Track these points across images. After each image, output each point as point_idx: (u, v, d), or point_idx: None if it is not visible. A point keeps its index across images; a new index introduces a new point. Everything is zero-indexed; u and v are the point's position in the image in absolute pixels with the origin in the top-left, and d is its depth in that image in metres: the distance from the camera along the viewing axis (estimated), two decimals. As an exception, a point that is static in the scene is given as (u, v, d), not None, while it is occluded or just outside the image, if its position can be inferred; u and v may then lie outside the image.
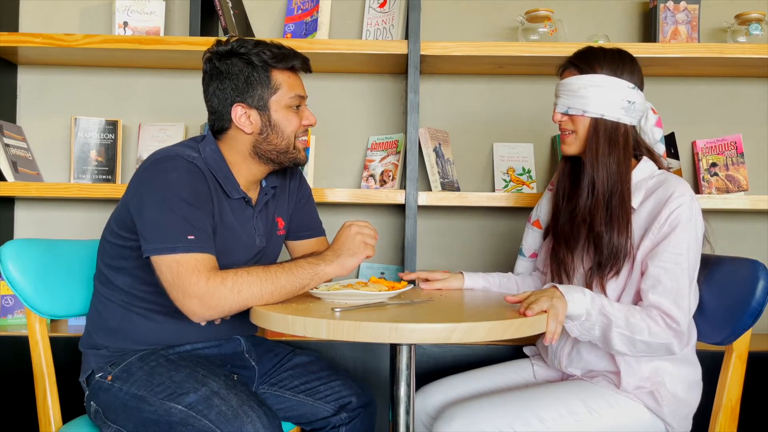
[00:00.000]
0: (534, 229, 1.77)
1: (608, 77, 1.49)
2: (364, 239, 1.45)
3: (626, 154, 1.50)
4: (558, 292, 1.36)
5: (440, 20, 2.43)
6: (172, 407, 1.36)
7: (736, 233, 2.39)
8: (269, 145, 1.52)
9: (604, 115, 1.49)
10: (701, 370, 1.51)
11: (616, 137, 1.50)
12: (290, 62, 1.51)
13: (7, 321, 2.21)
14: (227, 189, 1.51)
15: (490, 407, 1.42)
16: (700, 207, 1.46)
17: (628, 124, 1.51)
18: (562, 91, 1.55)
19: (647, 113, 1.57)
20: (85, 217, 2.41)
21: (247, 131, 1.50)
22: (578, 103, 1.51)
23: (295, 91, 1.52)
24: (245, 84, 1.49)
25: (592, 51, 1.54)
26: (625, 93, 1.49)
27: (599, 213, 1.49)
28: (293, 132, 1.52)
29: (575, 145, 1.55)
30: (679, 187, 1.44)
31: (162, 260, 1.35)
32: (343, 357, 2.07)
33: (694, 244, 1.42)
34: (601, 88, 1.49)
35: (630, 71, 1.51)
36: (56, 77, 2.42)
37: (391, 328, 1.15)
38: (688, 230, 1.41)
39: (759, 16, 2.20)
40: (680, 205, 1.41)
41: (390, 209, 2.43)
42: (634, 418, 1.44)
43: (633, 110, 1.51)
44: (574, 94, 1.51)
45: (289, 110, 1.52)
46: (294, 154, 1.54)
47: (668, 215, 1.42)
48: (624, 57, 1.53)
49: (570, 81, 1.52)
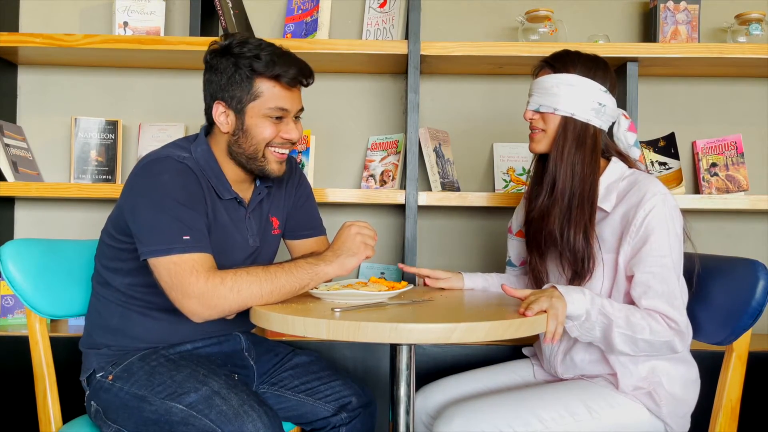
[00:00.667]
0: (517, 239, 1.76)
1: (581, 77, 1.50)
2: (364, 239, 1.45)
3: (594, 157, 1.51)
4: (557, 292, 1.35)
5: (440, 20, 2.43)
6: (173, 407, 1.36)
7: (736, 233, 2.40)
8: (239, 148, 1.50)
9: (574, 115, 1.50)
10: (698, 368, 1.51)
11: (584, 137, 1.50)
12: (275, 71, 1.45)
13: (7, 321, 2.21)
14: (218, 189, 1.50)
15: (490, 407, 1.42)
16: (674, 202, 1.45)
17: (597, 126, 1.52)
18: (535, 90, 1.56)
19: (619, 119, 1.57)
20: (85, 217, 2.41)
21: (224, 130, 1.50)
22: (550, 101, 1.51)
23: (276, 102, 1.47)
24: (227, 83, 1.48)
25: (568, 53, 1.56)
26: (596, 95, 1.50)
27: (554, 211, 1.50)
28: (264, 141, 1.48)
29: (544, 142, 1.55)
30: (650, 187, 1.44)
31: (159, 262, 1.35)
32: (343, 357, 2.07)
33: (675, 241, 1.41)
34: (573, 87, 1.50)
35: (603, 75, 1.52)
36: (56, 77, 2.42)
37: (391, 328, 1.15)
38: (666, 230, 1.40)
39: (759, 16, 2.20)
40: (654, 207, 1.41)
41: (390, 209, 2.43)
42: (633, 418, 1.44)
43: (603, 113, 1.51)
44: (547, 92, 1.52)
45: (266, 119, 1.48)
46: (262, 163, 1.50)
47: (643, 218, 1.41)
48: (598, 62, 1.54)
49: (543, 79, 1.53)
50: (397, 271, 2.36)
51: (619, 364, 1.46)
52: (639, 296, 1.40)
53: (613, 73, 1.55)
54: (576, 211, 1.48)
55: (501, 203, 2.18)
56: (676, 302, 1.39)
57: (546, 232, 1.52)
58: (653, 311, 1.39)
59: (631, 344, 1.38)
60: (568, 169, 1.50)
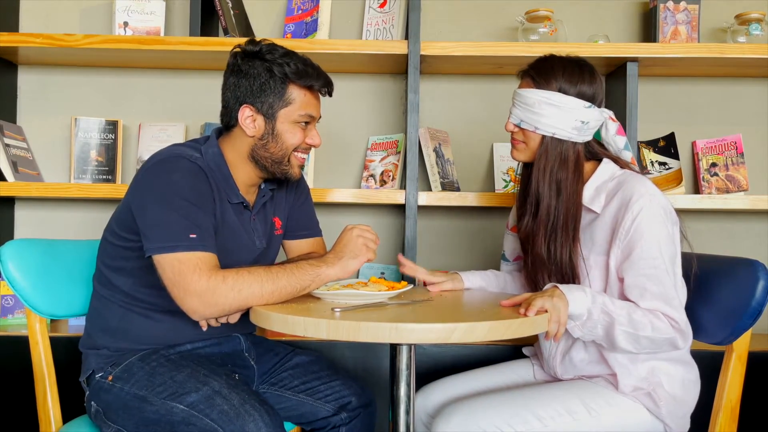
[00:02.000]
0: (511, 234, 1.76)
1: (563, 96, 1.47)
2: (366, 242, 1.46)
3: (576, 173, 1.50)
4: (558, 291, 1.35)
5: (440, 20, 2.43)
6: (173, 407, 1.36)
7: (736, 233, 2.40)
8: (266, 152, 1.52)
9: (555, 134, 1.49)
10: (698, 369, 1.51)
11: (566, 155, 1.50)
12: (309, 81, 1.50)
13: (7, 321, 2.21)
14: (227, 192, 1.51)
15: (489, 406, 1.42)
16: (665, 201, 1.43)
17: (580, 142, 1.51)
18: (517, 102, 1.54)
19: (606, 124, 1.54)
20: (85, 217, 2.41)
21: (249, 133, 1.51)
22: (531, 119, 1.50)
23: (306, 109, 1.52)
24: (259, 89, 1.49)
25: (552, 63, 1.52)
26: (578, 113, 1.48)
27: (540, 233, 1.51)
28: (293, 145, 1.52)
29: (526, 153, 1.55)
30: (638, 188, 1.42)
31: (164, 259, 1.36)
32: (343, 357, 2.07)
33: (667, 241, 1.40)
34: (554, 107, 1.47)
35: (589, 83, 1.49)
36: (56, 77, 2.42)
37: (391, 328, 1.15)
38: (655, 231, 1.39)
39: (759, 16, 2.20)
40: (641, 209, 1.39)
41: (390, 209, 2.43)
42: (633, 418, 1.44)
43: (586, 129, 1.50)
44: (528, 109, 1.50)
45: (296, 125, 1.52)
46: (287, 167, 1.54)
47: (631, 222, 1.40)
48: (583, 69, 1.51)
49: (526, 93, 1.51)
50: (397, 271, 2.36)
51: (618, 365, 1.45)
52: (636, 299, 1.40)
53: (599, 78, 1.52)
54: (561, 231, 1.49)
55: (501, 203, 2.18)
56: (674, 302, 1.38)
57: (533, 254, 1.53)
58: (654, 310, 1.39)
59: (633, 342, 1.37)
60: (551, 188, 1.50)
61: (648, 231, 1.39)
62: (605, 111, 1.54)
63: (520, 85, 1.55)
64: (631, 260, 1.40)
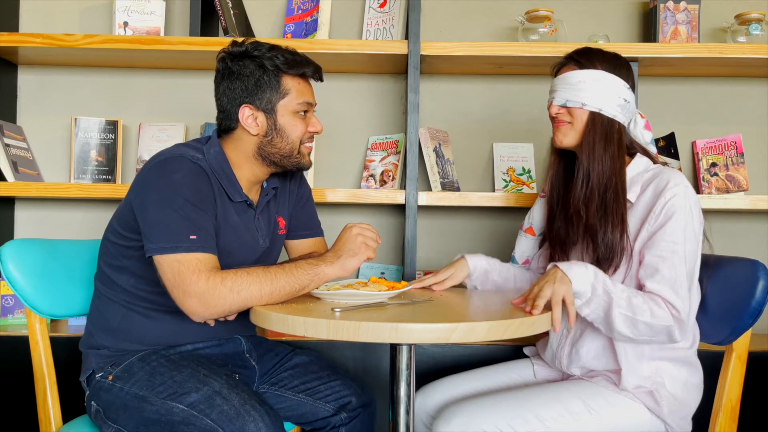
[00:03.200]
0: (527, 236, 1.77)
1: (607, 73, 1.52)
2: (365, 240, 1.45)
3: (620, 152, 1.52)
4: (560, 273, 1.36)
5: (440, 20, 2.43)
6: (173, 407, 1.36)
7: (736, 233, 2.40)
8: (274, 148, 1.53)
9: (602, 110, 1.51)
10: (702, 372, 1.51)
11: (611, 133, 1.52)
12: (302, 69, 1.52)
13: (7, 321, 2.21)
14: (229, 192, 1.51)
15: (490, 406, 1.42)
16: (696, 198, 1.45)
17: (622, 122, 1.53)
18: (559, 85, 1.56)
19: (636, 118, 1.58)
20: (85, 217, 2.41)
21: (253, 132, 1.52)
22: (577, 96, 1.52)
23: (303, 97, 1.53)
24: (255, 86, 1.50)
25: (592, 49, 1.57)
26: (621, 91, 1.52)
27: (593, 205, 1.50)
28: (298, 137, 1.54)
29: (570, 135, 1.55)
30: (673, 178, 1.45)
31: (164, 259, 1.36)
32: (343, 357, 2.07)
33: (691, 234, 1.42)
34: (600, 83, 1.51)
35: (626, 73, 1.55)
36: (56, 77, 2.42)
37: (391, 328, 1.15)
38: (683, 219, 1.41)
39: (759, 16, 2.20)
40: (675, 195, 1.42)
41: (390, 209, 2.43)
42: (633, 417, 1.44)
43: (627, 109, 1.53)
44: (573, 87, 1.53)
45: (296, 116, 1.53)
46: (298, 159, 1.56)
47: (663, 205, 1.42)
48: (621, 59, 1.57)
49: (569, 74, 1.54)
50: (397, 271, 2.36)
51: (625, 360, 1.45)
52: (645, 277, 1.41)
53: (633, 72, 1.57)
54: (612, 205, 1.49)
55: (501, 203, 2.18)
56: (681, 291, 1.38)
57: (586, 226, 1.51)
58: (656, 295, 1.39)
59: (631, 326, 1.37)
60: (599, 164, 1.50)
61: (676, 216, 1.41)
62: (637, 109, 1.58)
63: (561, 72, 1.58)
64: (653, 240, 1.42)
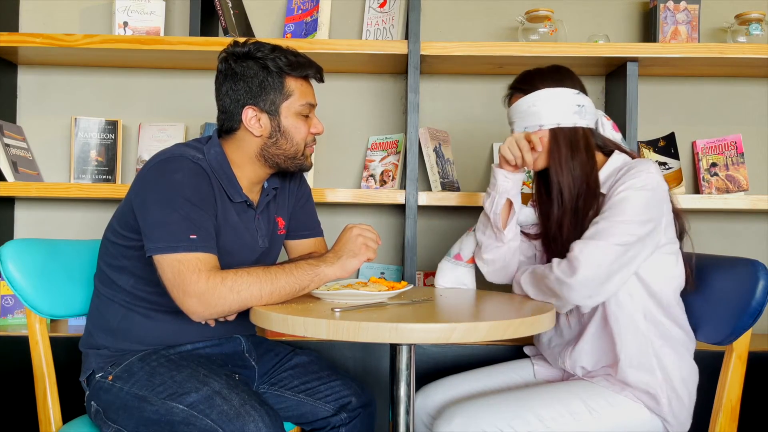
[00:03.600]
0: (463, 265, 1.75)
1: (551, 89, 1.54)
2: (366, 241, 1.45)
3: (589, 156, 1.53)
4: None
5: (440, 20, 2.43)
6: (173, 407, 1.36)
7: (736, 233, 2.40)
8: (278, 150, 1.53)
9: (560, 124, 1.53)
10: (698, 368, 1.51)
11: (576, 141, 1.53)
12: (305, 71, 1.53)
13: (7, 321, 2.21)
14: (229, 192, 1.51)
15: (490, 406, 1.42)
16: (657, 187, 1.45)
17: (584, 126, 1.55)
18: (514, 116, 1.59)
19: (602, 121, 1.59)
20: (85, 217, 2.41)
21: (256, 134, 1.51)
22: (533, 120, 1.55)
23: (306, 99, 1.53)
24: (259, 88, 1.49)
25: (531, 73, 1.59)
26: (572, 98, 1.54)
27: (566, 221, 1.52)
28: (303, 139, 1.54)
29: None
30: (639, 166, 1.46)
31: (164, 259, 1.36)
32: (343, 357, 2.07)
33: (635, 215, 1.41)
34: (549, 101, 1.53)
35: (570, 82, 1.56)
36: (56, 77, 2.42)
37: (391, 328, 1.15)
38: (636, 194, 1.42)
39: (759, 16, 2.20)
40: (632, 178, 1.44)
41: (390, 209, 2.43)
42: (633, 417, 1.44)
43: (585, 112, 1.55)
44: (526, 113, 1.55)
45: (299, 117, 1.53)
46: (301, 160, 1.57)
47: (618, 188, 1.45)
48: (561, 71, 1.58)
49: (518, 104, 1.57)
50: (397, 271, 2.36)
51: (624, 354, 1.45)
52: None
53: (578, 77, 1.59)
54: (582, 212, 1.50)
55: (501, 203, 2.17)
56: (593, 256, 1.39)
57: (564, 242, 1.53)
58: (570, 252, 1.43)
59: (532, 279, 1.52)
60: (568, 176, 1.52)
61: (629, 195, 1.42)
62: (598, 111, 1.59)
63: (510, 103, 1.62)
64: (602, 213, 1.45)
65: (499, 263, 1.64)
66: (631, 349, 1.45)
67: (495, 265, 1.65)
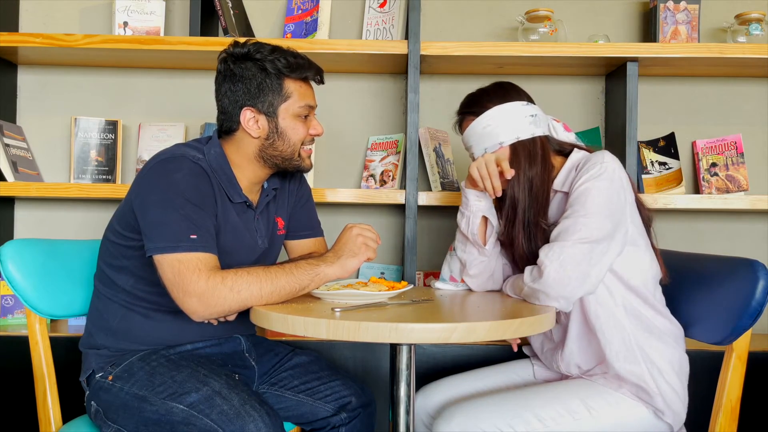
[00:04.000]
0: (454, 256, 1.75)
1: (501, 105, 1.55)
2: (366, 241, 1.45)
3: (545, 165, 1.54)
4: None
5: (440, 20, 2.43)
6: (173, 407, 1.36)
7: (736, 233, 2.40)
8: (275, 151, 1.53)
9: (519, 137, 1.54)
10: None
11: (535, 151, 1.55)
12: (304, 73, 1.52)
13: (7, 321, 2.21)
14: (229, 192, 1.51)
15: (490, 406, 1.43)
16: (619, 170, 1.46)
17: (541, 134, 1.56)
18: (470, 139, 1.60)
19: (553, 125, 1.60)
20: (85, 217, 2.41)
21: (254, 135, 1.51)
22: (491, 140, 1.55)
23: (305, 100, 1.53)
24: (257, 89, 1.49)
25: (475, 95, 1.61)
26: (523, 110, 1.56)
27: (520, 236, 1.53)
28: (299, 140, 1.54)
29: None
30: (594, 158, 1.47)
31: (164, 259, 1.36)
32: (343, 357, 2.07)
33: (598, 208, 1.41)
34: (502, 118, 1.55)
35: (516, 94, 1.58)
36: (56, 77, 2.42)
37: (391, 328, 1.15)
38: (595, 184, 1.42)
39: (759, 16, 2.20)
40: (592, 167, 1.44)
41: (390, 209, 2.43)
42: (633, 416, 1.44)
43: (539, 120, 1.57)
44: (483, 134, 1.56)
45: (297, 119, 1.53)
46: (298, 162, 1.56)
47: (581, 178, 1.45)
48: (505, 86, 1.60)
49: (472, 127, 1.58)
50: (397, 271, 2.36)
51: (610, 349, 1.46)
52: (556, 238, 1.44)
53: (522, 89, 1.61)
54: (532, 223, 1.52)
55: (501, 203, 2.18)
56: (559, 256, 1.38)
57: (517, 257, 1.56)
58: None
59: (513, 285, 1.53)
60: (525, 189, 1.53)
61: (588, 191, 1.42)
62: (548, 116, 1.62)
63: (463, 128, 1.62)
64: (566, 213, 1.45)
65: (486, 273, 1.65)
66: (616, 344, 1.46)
67: (483, 276, 1.65)
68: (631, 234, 1.47)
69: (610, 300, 1.47)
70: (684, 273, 1.55)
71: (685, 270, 1.55)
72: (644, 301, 1.48)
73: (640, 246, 1.49)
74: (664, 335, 1.48)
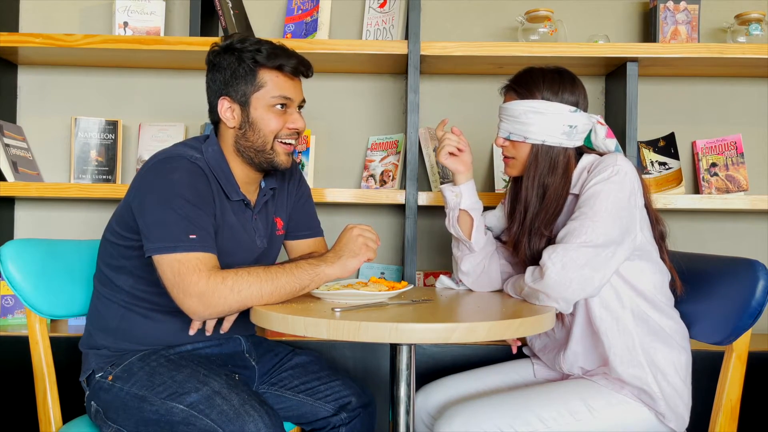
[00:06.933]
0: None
1: (548, 103, 1.49)
2: (366, 241, 1.45)
3: (565, 179, 1.51)
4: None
5: (440, 20, 2.43)
6: (173, 407, 1.36)
7: (736, 233, 2.40)
8: (247, 142, 1.52)
9: (545, 142, 1.51)
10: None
11: (556, 162, 1.51)
12: (278, 61, 1.49)
13: (7, 321, 2.21)
14: (227, 190, 1.51)
15: (491, 406, 1.42)
16: (631, 172, 1.44)
17: (568, 147, 1.52)
18: (504, 116, 1.56)
19: (595, 128, 1.56)
20: (85, 217, 2.41)
21: (230, 125, 1.52)
22: (520, 130, 1.52)
23: (280, 91, 1.50)
24: (231, 77, 1.50)
25: (531, 74, 1.54)
26: (566, 118, 1.50)
27: (524, 240, 1.52)
28: (272, 132, 1.51)
29: (516, 167, 1.57)
30: (607, 160, 1.45)
31: (163, 259, 1.36)
32: (343, 357, 2.07)
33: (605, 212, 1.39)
34: (541, 115, 1.49)
35: (570, 91, 1.51)
36: (56, 77, 2.42)
37: (391, 328, 1.15)
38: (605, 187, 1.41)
39: (759, 16, 2.20)
40: (604, 169, 1.43)
41: (390, 209, 2.43)
42: (633, 416, 1.44)
43: (575, 133, 1.51)
44: (516, 120, 1.52)
45: (270, 110, 1.50)
46: (271, 155, 1.52)
47: (593, 183, 1.43)
48: (564, 76, 1.53)
49: (511, 106, 1.53)
50: (397, 271, 2.36)
51: (612, 352, 1.45)
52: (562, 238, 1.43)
53: (580, 84, 1.54)
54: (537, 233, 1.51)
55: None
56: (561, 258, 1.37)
57: (519, 258, 1.55)
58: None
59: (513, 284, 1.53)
60: (538, 195, 1.52)
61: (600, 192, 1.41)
62: (593, 116, 1.56)
63: (504, 100, 1.58)
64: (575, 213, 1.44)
65: (478, 270, 1.64)
66: (619, 348, 1.46)
67: (474, 274, 1.65)
68: (641, 241, 1.46)
69: (618, 304, 1.46)
70: (684, 273, 1.55)
71: (685, 270, 1.55)
72: (653, 306, 1.47)
73: (651, 252, 1.48)
74: (670, 337, 1.47)
